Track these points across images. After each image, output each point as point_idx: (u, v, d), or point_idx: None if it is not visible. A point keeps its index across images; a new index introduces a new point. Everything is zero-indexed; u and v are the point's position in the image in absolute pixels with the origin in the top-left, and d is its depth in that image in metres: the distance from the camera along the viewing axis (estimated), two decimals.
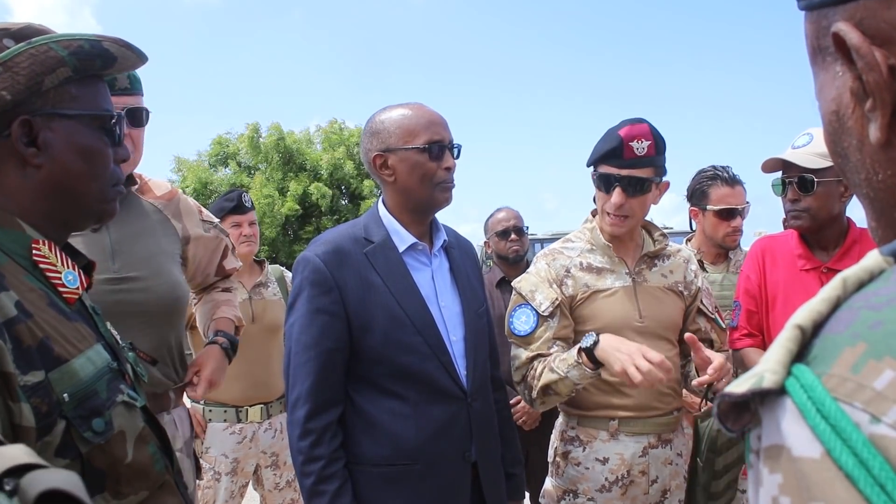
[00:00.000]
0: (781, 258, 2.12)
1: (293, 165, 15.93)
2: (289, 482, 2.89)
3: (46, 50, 0.92)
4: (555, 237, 13.01)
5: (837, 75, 0.49)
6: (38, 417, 0.81)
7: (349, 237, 1.62)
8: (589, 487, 1.86)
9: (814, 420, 0.37)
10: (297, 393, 1.55)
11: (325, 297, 1.55)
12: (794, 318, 0.42)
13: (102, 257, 1.63)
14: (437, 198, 1.63)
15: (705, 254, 2.68)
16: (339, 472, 1.52)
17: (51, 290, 0.93)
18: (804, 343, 0.42)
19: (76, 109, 0.97)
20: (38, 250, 0.94)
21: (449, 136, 1.64)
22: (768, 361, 0.41)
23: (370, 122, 1.66)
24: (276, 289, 3.00)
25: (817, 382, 0.38)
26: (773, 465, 0.39)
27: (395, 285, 1.59)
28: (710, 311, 1.99)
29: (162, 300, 1.71)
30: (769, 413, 0.40)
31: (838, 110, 0.49)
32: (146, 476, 0.95)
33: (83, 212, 1.02)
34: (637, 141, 1.81)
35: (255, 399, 2.81)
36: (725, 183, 2.62)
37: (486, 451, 1.68)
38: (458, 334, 1.66)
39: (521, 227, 3.15)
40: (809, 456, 0.37)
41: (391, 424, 1.56)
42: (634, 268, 1.93)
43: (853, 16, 0.46)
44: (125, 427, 0.93)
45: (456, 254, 1.76)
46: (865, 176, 0.49)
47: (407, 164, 1.59)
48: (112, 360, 0.96)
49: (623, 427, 1.85)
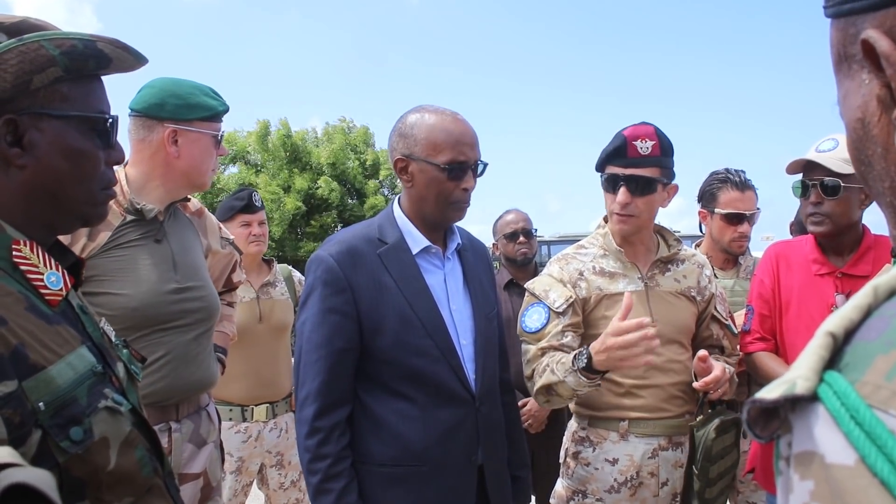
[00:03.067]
0: (796, 263, 2.11)
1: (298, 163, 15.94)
2: (293, 482, 2.90)
3: (37, 48, 0.89)
4: (561, 239, 13.01)
5: (864, 83, 0.48)
6: (10, 428, 0.77)
7: (363, 238, 1.62)
8: (598, 488, 1.86)
9: (848, 427, 0.37)
10: (306, 391, 1.55)
11: (338, 296, 1.55)
12: (825, 325, 0.42)
13: (167, 268, 1.74)
14: (449, 216, 1.64)
15: (714, 258, 2.63)
16: (346, 470, 1.53)
17: (31, 293, 0.90)
18: (836, 350, 0.41)
19: (67, 110, 0.94)
20: (18, 251, 0.91)
21: (475, 155, 1.61)
22: (800, 368, 0.41)
23: (402, 120, 1.65)
24: (283, 288, 3.00)
25: (851, 389, 0.38)
26: (804, 472, 0.39)
27: (407, 287, 1.59)
28: (723, 318, 1.99)
29: (212, 308, 1.86)
30: (801, 420, 0.40)
31: (863, 118, 0.49)
32: (131, 482, 0.93)
33: (69, 214, 0.99)
34: (641, 140, 1.82)
35: (260, 398, 2.81)
36: (735, 187, 2.58)
37: (493, 454, 1.68)
38: (468, 338, 1.67)
39: (530, 230, 3.14)
40: (843, 463, 0.37)
41: (399, 426, 1.56)
42: (647, 272, 1.93)
43: (883, 23, 0.46)
44: (108, 433, 0.90)
45: (469, 257, 1.76)
46: (889, 184, 0.49)
47: (425, 177, 1.59)
48: (97, 363, 0.93)
49: (633, 428, 1.86)
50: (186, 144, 1.78)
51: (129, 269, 1.67)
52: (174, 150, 1.76)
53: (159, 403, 1.70)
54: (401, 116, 1.66)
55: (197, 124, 1.78)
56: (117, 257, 1.66)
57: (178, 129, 1.76)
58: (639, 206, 1.84)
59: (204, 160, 1.83)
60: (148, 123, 1.76)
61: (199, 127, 1.79)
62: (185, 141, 1.77)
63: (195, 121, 1.78)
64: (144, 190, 1.77)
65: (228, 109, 1.87)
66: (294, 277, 3.17)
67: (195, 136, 1.79)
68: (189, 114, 1.76)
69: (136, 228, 1.72)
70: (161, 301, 1.69)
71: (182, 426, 1.76)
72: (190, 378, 1.76)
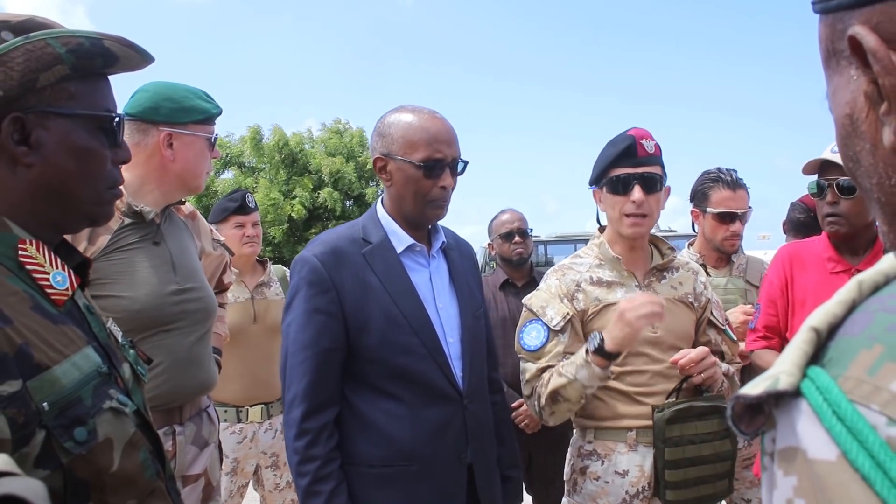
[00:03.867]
0: (810, 262, 2.13)
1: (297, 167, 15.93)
2: (289, 483, 2.89)
3: (43, 46, 0.89)
4: (558, 239, 13.02)
5: (852, 79, 0.48)
6: (13, 429, 0.77)
7: (347, 238, 1.63)
8: (609, 502, 1.81)
9: (830, 422, 0.37)
10: (293, 393, 1.55)
11: (323, 297, 1.55)
12: (809, 321, 0.42)
13: (167, 270, 1.75)
14: (427, 214, 1.63)
15: (707, 257, 2.65)
16: (335, 472, 1.52)
17: (37, 292, 0.90)
18: (819, 345, 0.42)
19: (73, 108, 0.94)
20: (24, 250, 0.91)
21: (452, 152, 1.61)
22: (783, 363, 0.41)
23: (381, 120, 1.66)
24: (278, 288, 3.01)
25: (833, 384, 0.38)
26: (787, 468, 0.39)
27: (392, 286, 1.59)
28: (720, 323, 1.99)
29: (211, 308, 1.87)
30: (784, 415, 0.40)
31: (852, 114, 0.49)
32: (134, 484, 0.92)
33: (75, 214, 0.98)
34: (646, 140, 1.85)
35: (256, 399, 2.81)
36: (727, 186, 2.59)
37: (482, 453, 1.67)
38: (455, 336, 1.66)
39: (525, 230, 3.13)
40: (825, 458, 0.37)
41: (386, 425, 1.56)
42: (644, 280, 1.92)
43: (870, 19, 0.46)
44: (112, 434, 0.89)
45: (455, 255, 1.76)
46: (878, 180, 0.49)
47: (402, 175, 1.59)
48: (103, 364, 0.93)
49: (641, 438, 1.80)
50: (181, 148, 1.78)
51: (129, 271, 1.68)
52: (169, 153, 1.76)
53: (163, 406, 1.70)
54: (381, 116, 1.67)
55: (192, 127, 1.79)
56: (118, 260, 1.67)
57: (173, 132, 1.76)
58: (651, 204, 1.85)
59: (199, 163, 1.83)
60: (143, 127, 1.76)
61: (193, 130, 1.79)
62: (180, 144, 1.78)
63: (190, 124, 1.78)
64: (140, 193, 1.78)
65: (222, 112, 1.87)
66: (288, 278, 3.17)
67: (190, 140, 1.79)
68: (184, 117, 1.77)
69: (135, 231, 1.73)
70: (163, 303, 1.70)
71: (185, 429, 1.77)
72: (192, 380, 1.77)
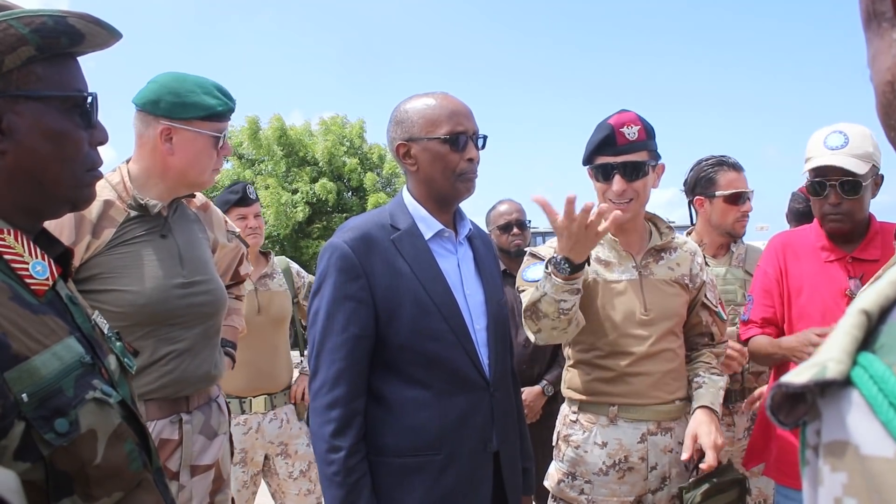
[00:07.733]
0: (803, 251, 2.15)
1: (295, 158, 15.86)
2: (302, 472, 2.91)
3: (6, 27, 0.85)
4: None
5: (894, 42, 0.45)
6: None
7: (376, 224, 1.62)
8: (587, 470, 1.90)
9: (887, 415, 0.34)
10: (321, 380, 1.54)
11: (353, 283, 1.54)
12: (858, 303, 0.39)
13: (173, 263, 1.74)
14: (459, 188, 1.63)
15: (707, 247, 2.65)
16: (360, 464, 1.52)
17: (16, 282, 0.87)
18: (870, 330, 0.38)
19: (43, 91, 0.90)
20: (2, 240, 0.88)
21: (473, 126, 1.63)
22: (831, 349, 0.38)
23: (395, 111, 1.67)
24: (281, 280, 3.02)
25: (890, 373, 0.35)
26: (835, 463, 0.36)
27: (422, 272, 1.58)
28: (712, 304, 2.03)
29: (219, 302, 1.87)
30: (832, 406, 0.37)
31: (893, 80, 0.45)
32: (120, 476, 0.90)
33: (55, 199, 0.96)
34: (627, 126, 1.86)
35: (259, 390, 2.83)
36: (732, 168, 2.62)
37: (507, 441, 1.67)
38: (482, 323, 1.66)
39: (524, 221, 3.14)
40: (881, 454, 0.34)
41: (414, 414, 1.55)
42: (641, 261, 1.96)
43: None
44: (96, 425, 0.87)
45: (479, 244, 1.77)
46: None
47: (429, 155, 1.60)
48: (86, 354, 0.90)
49: (622, 413, 1.89)
50: (181, 143, 1.74)
51: (135, 265, 1.67)
52: (168, 147, 1.73)
53: (170, 397, 1.71)
54: (394, 108, 1.68)
55: (193, 123, 1.75)
56: (123, 254, 1.66)
57: (172, 126, 1.73)
58: (636, 189, 1.88)
59: (200, 160, 1.78)
60: (145, 119, 1.75)
61: (196, 126, 1.75)
62: (179, 139, 1.74)
63: (192, 120, 1.74)
64: (146, 186, 1.76)
65: (232, 109, 1.83)
66: (292, 269, 3.20)
67: (191, 136, 1.75)
68: (183, 113, 1.73)
69: (141, 224, 1.72)
70: (168, 296, 1.69)
71: (193, 418, 1.76)
72: (196, 372, 1.77)
